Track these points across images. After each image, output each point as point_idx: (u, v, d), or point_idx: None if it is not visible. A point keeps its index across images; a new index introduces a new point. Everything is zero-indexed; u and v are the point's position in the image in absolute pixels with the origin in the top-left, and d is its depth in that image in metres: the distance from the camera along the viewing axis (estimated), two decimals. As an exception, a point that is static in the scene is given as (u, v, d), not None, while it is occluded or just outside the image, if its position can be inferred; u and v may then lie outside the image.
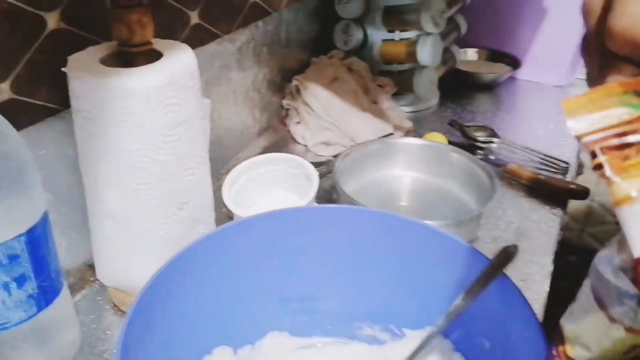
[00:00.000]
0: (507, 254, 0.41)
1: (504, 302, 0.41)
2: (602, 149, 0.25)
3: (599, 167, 0.25)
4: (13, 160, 0.37)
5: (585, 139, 0.25)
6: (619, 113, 0.25)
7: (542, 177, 0.74)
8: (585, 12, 0.29)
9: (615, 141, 0.24)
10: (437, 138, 0.82)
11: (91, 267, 0.56)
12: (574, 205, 1.27)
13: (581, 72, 1.10)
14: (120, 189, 0.47)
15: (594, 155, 0.25)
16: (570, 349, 0.31)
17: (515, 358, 0.39)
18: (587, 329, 0.29)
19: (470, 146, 0.84)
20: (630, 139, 0.24)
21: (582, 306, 0.30)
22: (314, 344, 0.49)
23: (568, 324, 0.31)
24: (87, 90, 0.44)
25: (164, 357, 0.40)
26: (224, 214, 0.64)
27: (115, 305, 0.54)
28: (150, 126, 0.46)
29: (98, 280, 0.55)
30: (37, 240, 0.40)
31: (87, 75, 0.44)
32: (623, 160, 0.24)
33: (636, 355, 0.27)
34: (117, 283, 0.53)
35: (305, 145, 0.87)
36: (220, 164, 0.79)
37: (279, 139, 0.89)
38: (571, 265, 0.72)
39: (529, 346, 0.37)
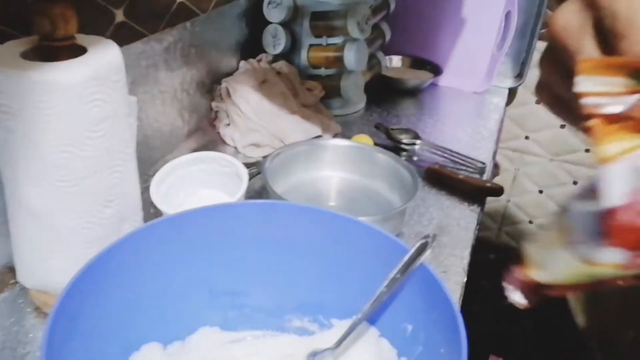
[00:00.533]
0: (424, 244, 0.44)
1: (423, 289, 0.44)
2: (595, 113, 0.27)
3: (589, 129, 0.27)
4: None
5: (585, 100, 0.27)
6: (623, 83, 0.27)
7: (461, 176, 0.78)
8: (558, 31, 0.30)
9: (610, 108, 0.27)
10: (364, 140, 0.85)
11: (11, 269, 0.54)
12: (492, 205, 1.35)
13: (497, 80, 1.17)
14: (41, 186, 0.46)
15: (588, 117, 0.27)
16: (531, 270, 0.33)
17: (435, 340, 0.41)
18: (549, 255, 0.32)
19: (395, 148, 0.88)
20: (620, 108, 0.27)
21: (547, 235, 0.32)
22: (244, 338, 0.50)
23: (532, 248, 0.34)
24: (7, 85, 0.43)
25: (91, 356, 0.40)
26: (152, 215, 0.63)
27: (37, 308, 0.53)
28: (74, 122, 0.45)
29: (18, 282, 0.53)
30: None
31: (6, 69, 0.43)
32: (610, 124, 0.27)
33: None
34: (39, 285, 0.51)
35: (235, 147, 0.87)
36: (148, 165, 0.78)
37: (208, 141, 0.89)
38: (491, 263, 0.77)
39: (447, 328, 0.40)
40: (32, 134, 0.44)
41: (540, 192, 1.34)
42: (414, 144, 0.89)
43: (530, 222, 1.37)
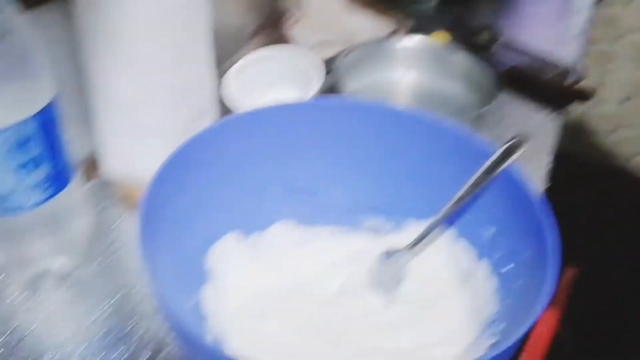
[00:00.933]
0: (515, 143, 0.42)
1: (509, 192, 0.42)
2: None
3: None
4: (20, 37, 0.36)
5: None
6: None
7: (543, 79, 0.74)
8: None
9: None
10: (440, 38, 0.80)
11: (96, 160, 0.56)
12: (571, 114, 1.27)
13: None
14: (123, 76, 0.46)
15: None
16: None
17: (519, 245, 0.41)
18: None
19: (472, 47, 0.82)
20: None
21: None
22: (318, 233, 0.51)
23: None
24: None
25: (178, 243, 0.41)
26: (224, 113, 0.63)
27: (121, 198, 0.55)
28: (154, 12, 0.44)
29: (103, 173, 0.55)
30: (48, 123, 0.40)
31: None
32: None
33: None
34: (123, 176, 0.53)
35: (304, 46, 0.85)
36: (217, 63, 0.77)
37: (276, 40, 0.86)
38: (569, 175, 0.73)
39: (534, 236, 0.39)
40: (113, 24, 0.44)
41: (628, 99, 1.25)
42: (493, 43, 0.84)
43: (613, 132, 1.29)
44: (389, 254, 0.46)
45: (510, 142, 0.42)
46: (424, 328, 0.42)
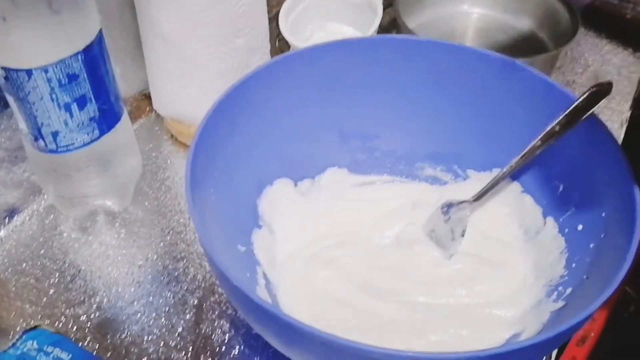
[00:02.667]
0: (598, 92, 0.37)
1: (585, 144, 0.38)
2: None
3: None
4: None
5: None
6: None
7: (628, 15, 0.67)
8: None
9: None
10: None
11: (147, 96, 0.55)
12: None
13: None
14: (173, 10, 0.44)
15: None
16: None
17: (594, 203, 0.37)
18: None
19: (547, -20, 0.75)
20: None
21: None
22: (373, 182, 0.49)
23: None
24: None
25: (228, 187, 0.40)
26: (276, 49, 0.60)
27: (172, 136, 0.54)
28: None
29: (154, 110, 0.54)
30: (94, 59, 0.38)
31: None
32: None
33: None
34: (174, 113, 0.52)
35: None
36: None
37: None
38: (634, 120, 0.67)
39: (615, 193, 0.35)
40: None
41: None
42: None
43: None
44: (450, 206, 0.43)
45: (591, 90, 0.38)
46: (483, 285, 0.40)
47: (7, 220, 0.47)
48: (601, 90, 0.38)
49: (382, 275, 0.42)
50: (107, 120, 0.42)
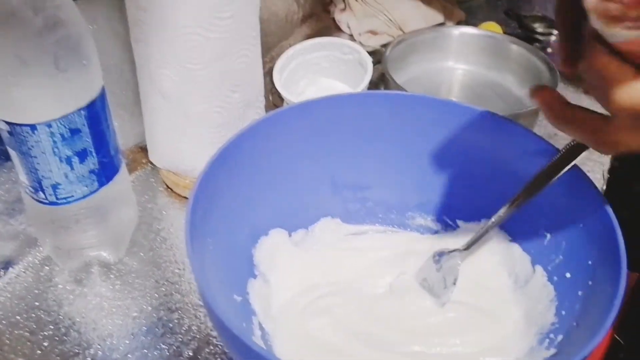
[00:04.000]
0: (579, 144, 0.39)
1: (570, 194, 0.40)
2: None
3: None
4: (71, 29, 0.36)
5: None
6: None
7: (604, 72, 0.70)
8: None
9: None
10: (493, 28, 0.77)
11: (143, 149, 0.56)
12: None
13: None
14: (172, 68, 0.46)
15: None
16: None
17: (581, 251, 0.38)
18: None
19: (527, 38, 0.79)
20: None
21: None
22: (365, 231, 0.50)
23: None
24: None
25: (225, 236, 0.41)
26: (270, 103, 0.62)
27: (168, 187, 0.55)
28: (204, 3, 0.43)
29: (150, 162, 0.55)
30: (96, 114, 0.40)
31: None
32: None
33: None
34: (170, 165, 0.53)
35: (351, 35, 0.83)
36: (264, 51, 0.76)
37: (322, 27, 0.85)
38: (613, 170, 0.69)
39: (599, 240, 0.36)
40: (163, 16, 0.43)
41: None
42: (549, 33, 0.80)
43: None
44: (442, 254, 0.44)
45: (574, 141, 0.40)
46: (475, 334, 0.40)
47: (2, 272, 0.47)
48: (581, 143, 0.39)
49: (376, 324, 0.42)
50: (106, 172, 0.43)
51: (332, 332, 0.41)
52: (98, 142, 0.41)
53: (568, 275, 0.39)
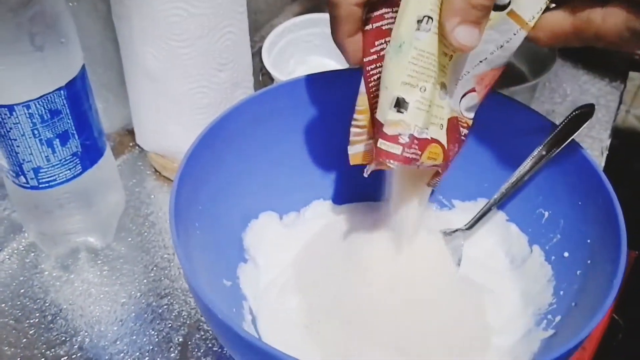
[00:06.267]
0: (580, 116, 0.38)
1: (569, 171, 0.39)
2: None
3: None
4: (47, 5, 0.34)
5: None
6: None
7: (602, 47, 0.68)
8: None
9: None
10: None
11: (130, 132, 0.54)
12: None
13: None
14: (156, 46, 0.44)
15: None
16: None
17: (579, 230, 0.37)
18: None
19: (523, 13, 0.77)
20: None
21: None
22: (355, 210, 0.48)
23: None
24: None
25: (213, 220, 0.40)
26: (259, 83, 0.61)
27: (156, 171, 0.53)
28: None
29: (138, 145, 0.53)
30: (77, 95, 0.38)
31: None
32: None
33: None
34: (157, 148, 0.52)
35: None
36: (253, 30, 0.74)
37: (313, 6, 0.83)
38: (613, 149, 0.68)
39: (599, 218, 0.35)
40: (144, -10, 0.42)
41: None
42: (547, 7, 0.78)
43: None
44: (445, 234, 0.43)
45: (574, 113, 0.38)
46: (473, 314, 0.39)
47: (-14, 259, 0.46)
48: (584, 113, 0.38)
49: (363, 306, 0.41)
50: (90, 155, 0.41)
51: (314, 314, 0.40)
52: (80, 124, 0.40)
53: (566, 254, 0.38)
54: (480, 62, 0.34)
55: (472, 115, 0.36)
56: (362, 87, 0.35)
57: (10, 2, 0.33)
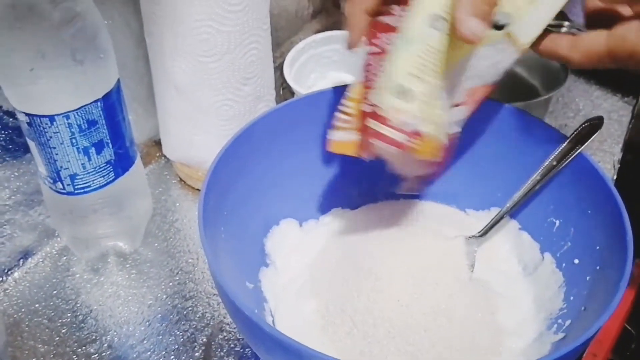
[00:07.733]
0: (588, 129, 0.39)
1: (578, 180, 0.40)
2: None
3: None
4: (88, 21, 0.37)
5: None
6: None
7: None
8: None
9: None
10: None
11: (157, 142, 0.57)
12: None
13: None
14: (185, 61, 0.47)
15: None
16: None
17: (589, 237, 0.39)
18: None
19: (537, 30, 0.79)
20: None
21: None
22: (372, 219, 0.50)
23: None
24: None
25: (237, 226, 0.42)
26: (280, 96, 0.63)
27: (181, 180, 0.56)
28: (215, -4, 0.44)
29: (164, 155, 0.56)
30: (112, 106, 0.41)
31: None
32: None
33: None
34: (183, 158, 0.54)
35: (361, 29, 0.83)
36: (274, 46, 0.77)
37: (332, 23, 0.85)
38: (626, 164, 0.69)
39: (607, 226, 0.37)
40: (175, 9, 0.44)
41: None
42: (560, 25, 0.80)
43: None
44: (460, 240, 0.44)
45: (582, 127, 0.40)
46: (494, 316, 0.41)
47: (21, 262, 0.48)
48: (591, 128, 0.40)
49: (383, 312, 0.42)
50: (122, 164, 0.44)
51: (332, 316, 0.41)
52: (114, 134, 0.42)
53: (576, 261, 0.40)
54: (474, 76, 0.36)
55: (457, 129, 0.38)
56: (359, 77, 0.36)
57: (55, 20, 0.36)
